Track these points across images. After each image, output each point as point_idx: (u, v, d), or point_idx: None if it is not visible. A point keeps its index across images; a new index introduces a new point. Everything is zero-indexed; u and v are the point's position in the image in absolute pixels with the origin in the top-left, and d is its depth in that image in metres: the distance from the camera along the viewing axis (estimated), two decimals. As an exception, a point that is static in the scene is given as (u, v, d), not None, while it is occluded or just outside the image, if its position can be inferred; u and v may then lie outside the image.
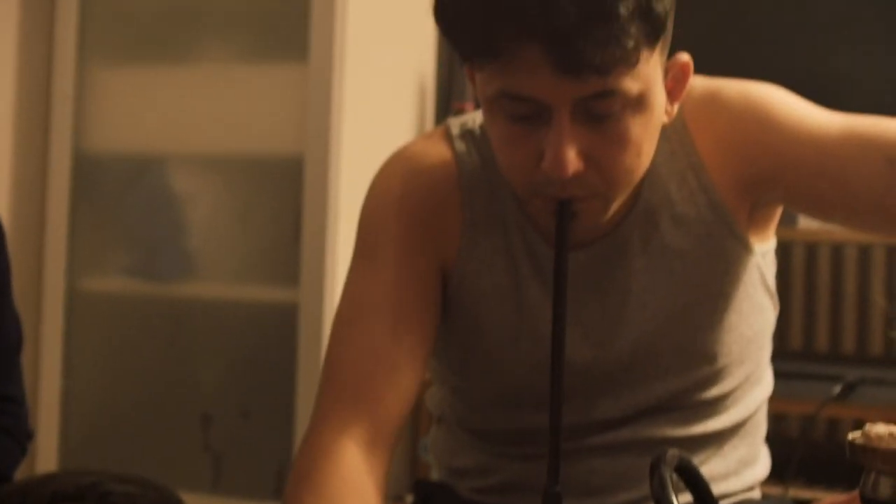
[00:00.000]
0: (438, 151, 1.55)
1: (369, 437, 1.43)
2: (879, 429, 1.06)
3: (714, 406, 1.55)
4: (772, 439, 1.68)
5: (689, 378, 1.52)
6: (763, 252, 1.54)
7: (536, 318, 1.48)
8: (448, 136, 1.56)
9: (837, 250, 3.27)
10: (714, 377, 1.53)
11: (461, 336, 1.56)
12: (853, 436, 1.07)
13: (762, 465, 1.63)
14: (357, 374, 1.45)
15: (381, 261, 1.50)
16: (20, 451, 1.87)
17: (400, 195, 1.53)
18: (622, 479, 1.52)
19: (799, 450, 2.44)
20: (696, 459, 1.49)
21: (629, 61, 1.27)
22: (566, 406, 1.44)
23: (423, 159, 1.55)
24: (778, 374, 1.66)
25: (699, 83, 1.50)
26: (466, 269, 1.52)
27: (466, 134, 1.55)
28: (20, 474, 1.87)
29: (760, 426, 1.63)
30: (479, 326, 1.53)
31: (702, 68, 1.48)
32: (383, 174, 1.57)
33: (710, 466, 1.54)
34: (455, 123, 1.57)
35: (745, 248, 1.51)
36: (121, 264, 3.35)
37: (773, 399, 1.64)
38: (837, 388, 2.65)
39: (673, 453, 1.15)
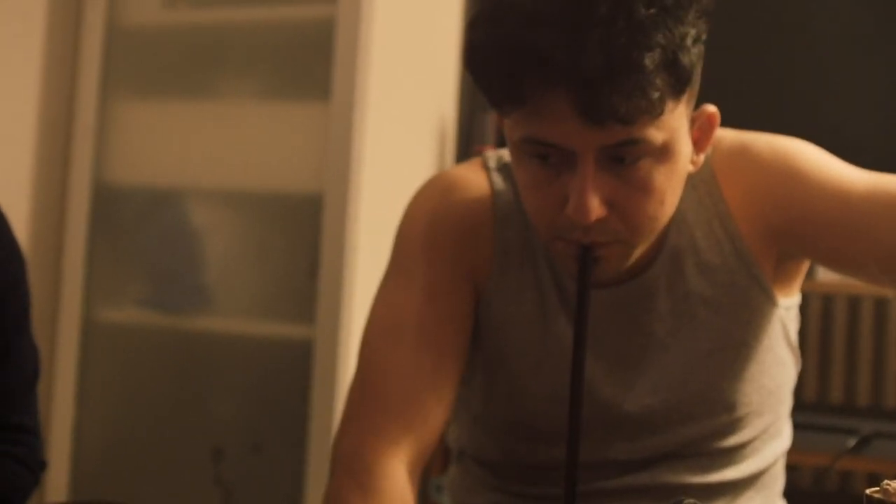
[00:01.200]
0: (475, 179, 1.57)
1: (413, 456, 1.45)
2: (897, 484, 1.05)
3: (732, 455, 1.55)
4: (785, 491, 1.67)
5: (709, 425, 1.52)
6: (787, 306, 1.55)
7: (560, 349, 1.49)
8: (485, 167, 1.58)
9: (854, 302, 3.27)
10: (733, 426, 1.53)
11: (486, 360, 1.57)
12: (871, 491, 1.07)
13: None
14: (403, 389, 1.46)
15: (417, 279, 1.52)
16: (33, 480, 1.87)
17: (435, 213, 1.55)
18: None
19: (812, 502, 2.43)
20: (712, 509, 1.49)
21: (654, 112, 1.29)
22: (582, 445, 1.45)
23: (460, 184, 1.57)
24: (792, 426, 1.66)
25: (729, 135, 1.51)
26: (495, 296, 1.54)
27: (503, 167, 1.57)
28: (32, 504, 1.88)
29: (777, 479, 1.63)
30: (504, 352, 1.54)
31: (730, 121, 1.49)
32: (421, 193, 1.59)
33: (728, 516, 1.53)
34: (492, 156, 1.59)
35: (770, 300, 1.51)
36: (137, 296, 3.36)
37: (788, 450, 1.64)
38: (852, 442, 2.64)
39: (689, 503, 1.15)
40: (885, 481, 1.06)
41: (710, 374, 1.51)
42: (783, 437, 1.61)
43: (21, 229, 3.29)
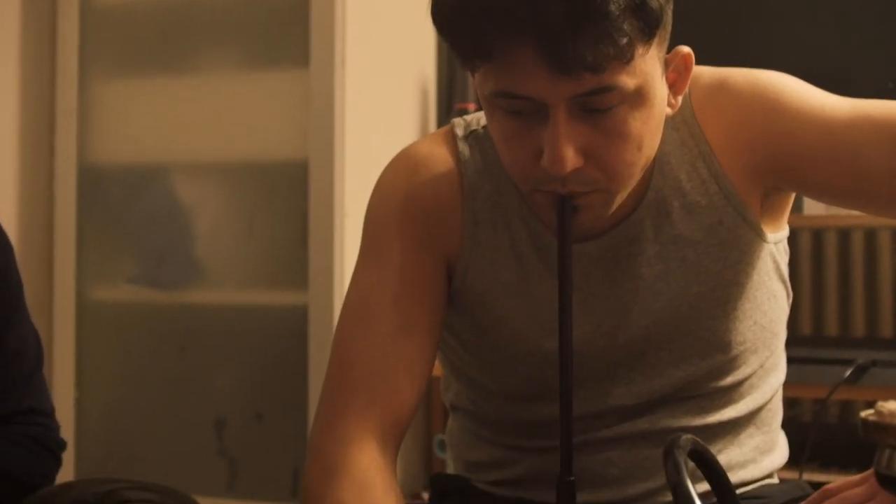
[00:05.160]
0: (441, 153, 1.56)
1: (385, 433, 1.46)
2: (892, 405, 1.06)
3: (729, 394, 1.55)
4: (785, 424, 1.68)
5: (703, 366, 1.52)
6: (776, 240, 1.55)
7: (545, 311, 1.49)
8: (452, 137, 1.57)
9: (844, 235, 3.27)
10: (728, 365, 1.53)
11: (471, 332, 1.57)
12: (866, 414, 1.08)
13: (780, 452, 1.63)
14: (371, 371, 1.48)
15: (387, 259, 1.52)
16: (55, 460, 1.87)
17: (403, 194, 1.54)
18: (638, 470, 1.52)
19: (812, 434, 2.44)
20: (712, 449, 1.49)
21: (623, 58, 1.28)
22: (579, 395, 1.46)
23: (426, 160, 1.56)
24: (789, 360, 1.66)
25: (706, 72, 1.51)
26: (470, 268, 1.53)
27: (470, 135, 1.56)
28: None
29: (776, 413, 1.63)
30: (487, 323, 1.54)
31: (705, 60, 1.48)
32: (387, 174, 1.58)
33: (727, 455, 1.54)
34: (459, 124, 1.58)
35: (758, 237, 1.51)
36: (129, 274, 3.36)
37: (785, 385, 1.65)
38: (848, 372, 2.65)
39: (687, 438, 1.15)
40: (879, 402, 1.07)
41: (701, 316, 1.51)
42: (779, 371, 1.62)
43: (10, 215, 3.28)
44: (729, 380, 1.54)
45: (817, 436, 2.49)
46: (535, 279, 1.51)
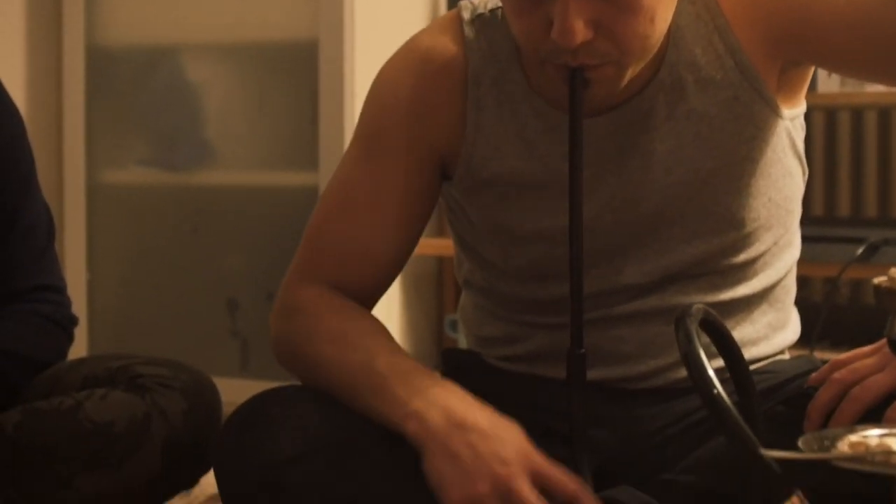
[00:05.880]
0: (444, 42, 1.55)
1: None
2: (905, 271, 1.06)
3: (742, 271, 1.54)
4: (795, 304, 1.68)
5: (716, 243, 1.52)
6: (792, 116, 1.53)
7: (555, 191, 1.48)
8: (458, 21, 1.56)
9: (857, 114, 3.25)
10: (742, 243, 1.53)
11: (481, 214, 1.57)
12: (879, 280, 1.07)
13: (792, 329, 1.63)
14: (339, 257, 1.54)
15: (376, 158, 1.54)
16: (66, 336, 1.88)
17: (402, 88, 1.54)
18: (650, 347, 1.53)
19: (823, 314, 2.45)
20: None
21: None
22: (591, 274, 1.46)
23: (428, 54, 1.55)
24: (801, 239, 1.65)
25: None
26: (474, 155, 1.53)
27: (476, 19, 1.55)
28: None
29: (790, 290, 1.63)
30: (496, 206, 1.55)
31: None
32: (389, 66, 1.58)
33: (740, 332, 1.53)
34: (466, 7, 1.57)
35: (774, 112, 1.50)
36: (139, 156, 3.36)
37: (797, 263, 1.64)
38: (860, 250, 2.65)
39: (698, 308, 1.15)
40: (893, 268, 1.07)
41: (715, 192, 1.50)
42: (793, 248, 1.61)
43: (18, 99, 3.23)
44: (742, 257, 1.54)
45: (828, 316, 2.50)
46: (544, 161, 1.50)
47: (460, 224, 1.62)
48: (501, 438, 1.33)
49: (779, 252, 1.58)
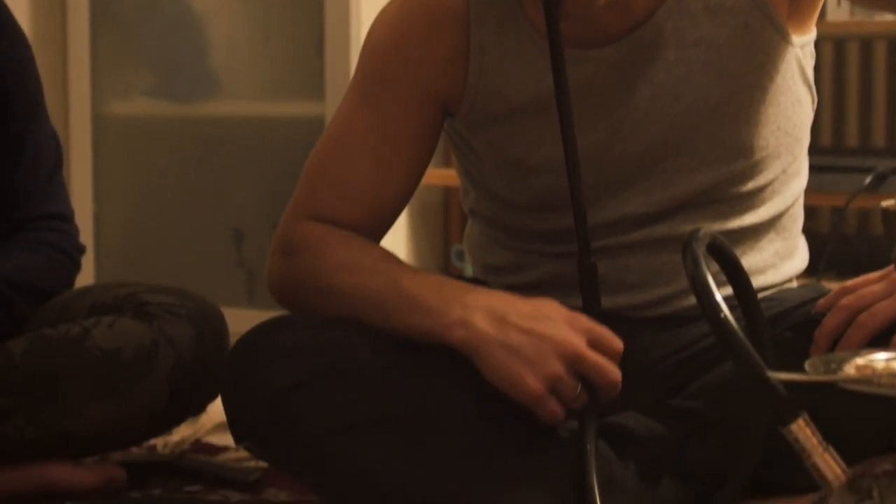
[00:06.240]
0: None
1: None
2: (915, 194, 1.06)
3: (751, 199, 1.54)
4: (803, 234, 1.68)
5: (725, 171, 1.51)
6: (802, 44, 1.52)
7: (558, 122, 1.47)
8: None
9: (866, 44, 3.23)
10: (750, 171, 1.53)
11: (487, 148, 1.57)
12: (886, 203, 1.07)
13: (800, 258, 1.63)
14: (337, 195, 1.54)
15: (375, 102, 1.54)
16: (73, 265, 1.88)
17: (401, 30, 1.54)
18: (658, 276, 1.53)
19: (830, 244, 2.44)
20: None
21: None
22: (598, 204, 1.48)
23: None
24: (809, 169, 1.65)
25: None
26: (479, 94, 1.53)
27: None
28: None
29: (797, 219, 1.63)
30: (502, 141, 1.54)
31: None
32: (388, 8, 1.57)
33: (748, 261, 1.53)
34: None
35: (784, 40, 1.49)
36: (144, 87, 3.35)
37: (804, 193, 1.64)
38: (868, 179, 2.64)
39: (705, 232, 1.15)
40: (900, 191, 1.06)
41: (723, 120, 1.49)
42: (801, 177, 1.61)
43: (23, 27, 3.25)
44: (750, 185, 1.53)
45: (835, 246, 2.49)
46: (549, 92, 1.49)
47: (465, 158, 1.62)
48: (548, 316, 1.34)
49: (787, 180, 1.57)
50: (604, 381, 1.32)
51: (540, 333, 1.32)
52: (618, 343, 1.34)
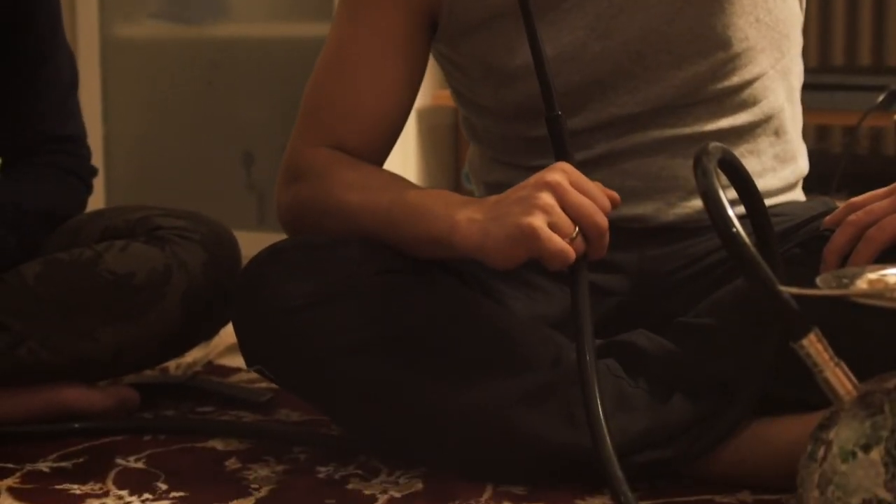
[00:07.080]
0: None
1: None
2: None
3: (739, 96, 1.55)
4: (814, 155, 1.67)
5: (706, 65, 1.52)
6: None
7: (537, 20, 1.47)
8: None
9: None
10: (732, 64, 1.53)
11: (468, 59, 1.59)
12: (898, 120, 1.06)
13: (801, 162, 1.65)
14: (339, 114, 1.56)
15: (362, 17, 1.56)
16: (86, 188, 1.88)
17: None
18: (656, 181, 1.55)
19: (842, 162, 2.43)
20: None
21: None
22: (585, 107, 1.52)
23: None
24: (821, 87, 1.64)
25: None
26: (456, 3, 1.54)
27: None
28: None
29: (796, 120, 1.64)
30: (480, 47, 1.56)
31: None
32: None
33: (746, 164, 1.51)
34: None
35: None
36: (152, 9, 3.34)
37: (815, 113, 1.63)
38: (881, 97, 2.62)
39: (716, 146, 1.15)
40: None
41: (699, 12, 1.50)
42: (794, 75, 1.61)
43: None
44: (735, 79, 1.54)
45: (847, 166, 2.48)
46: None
47: (454, 79, 1.65)
48: (532, 180, 1.34)
49: (778, 77, 1.58)
50: (587, 220, 1.31)
51: (526, 187, 1.33)
52: (597, 191, 1.34)
